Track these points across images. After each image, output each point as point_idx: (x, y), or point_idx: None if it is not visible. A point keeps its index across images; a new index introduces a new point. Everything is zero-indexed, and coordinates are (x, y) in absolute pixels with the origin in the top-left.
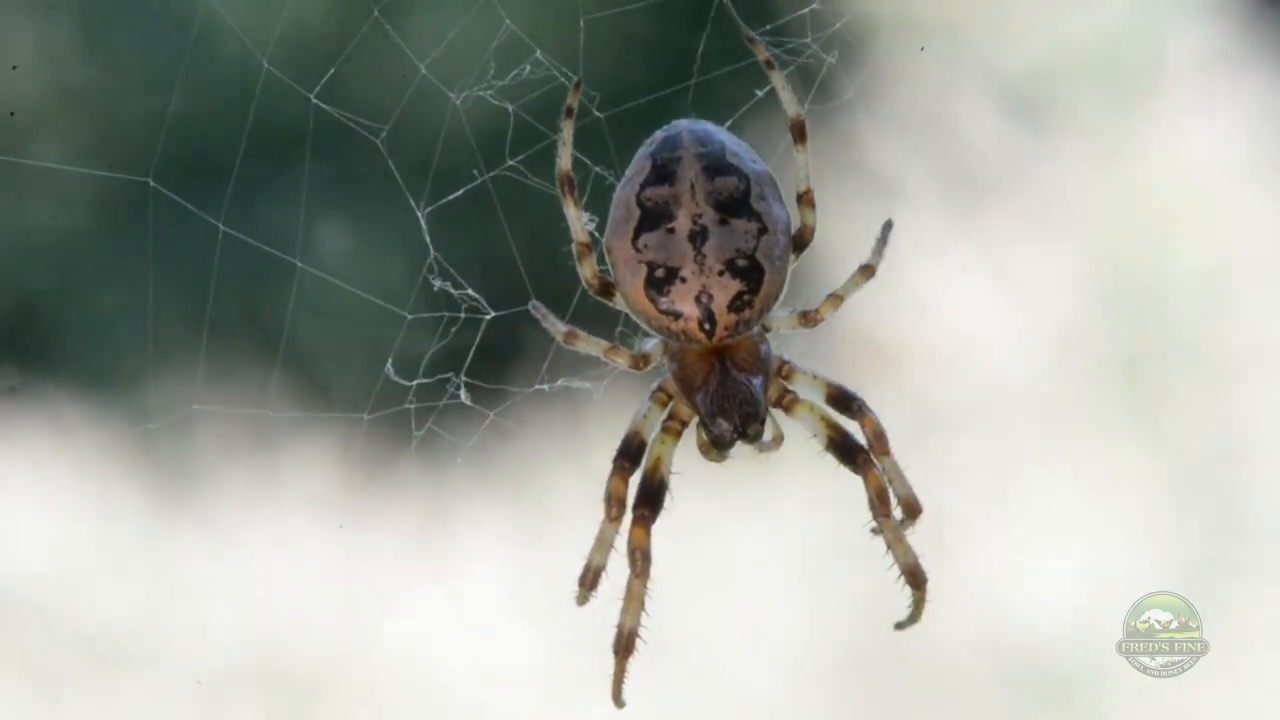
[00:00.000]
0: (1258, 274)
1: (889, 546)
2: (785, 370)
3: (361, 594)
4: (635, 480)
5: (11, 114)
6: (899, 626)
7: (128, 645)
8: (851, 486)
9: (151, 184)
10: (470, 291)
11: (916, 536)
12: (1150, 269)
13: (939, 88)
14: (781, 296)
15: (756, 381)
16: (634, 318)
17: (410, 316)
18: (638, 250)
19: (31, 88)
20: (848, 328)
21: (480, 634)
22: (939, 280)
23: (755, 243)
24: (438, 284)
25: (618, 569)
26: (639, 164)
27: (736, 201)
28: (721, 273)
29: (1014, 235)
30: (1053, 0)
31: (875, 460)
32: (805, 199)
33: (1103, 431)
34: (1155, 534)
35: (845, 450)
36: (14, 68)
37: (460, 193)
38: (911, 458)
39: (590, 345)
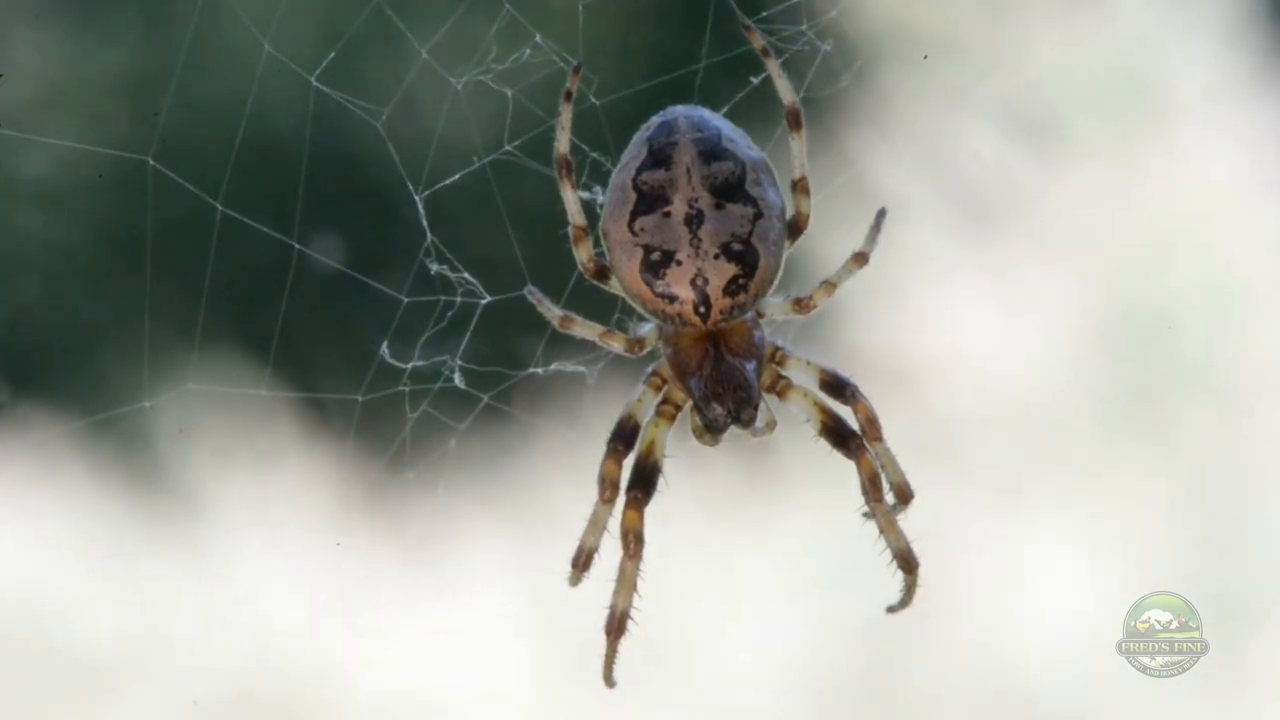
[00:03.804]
0: (1265, 299)
1: (881, 531)
2: (779, 356)
3: (360, 574)
4: (629, 463)
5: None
6: (891, 610)
7: (117, 667)
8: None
9: (151, 163)
10: (467, 275)
11: (908, 521)
12: (1157, 292)
13: (945, 104)
14: (776, 282)
15: (750, 366)
16: (630, 301)
17: (406, 300)
18: (633, 233)
19: (36, 69)
20: (861, 348)
21: (480, 613)
22: (946, 298)
23: (750, 227)
24: (434, 267)
25: (611, 551)
26: (635, 148)
27: (732, 186)
28: (717, 256)
29: (1020, 256)
30: (1065, 22)
31: (868, 446)
32: (800, 186)
33: (1110, 455)
34: (1164, 558)
35: (838, 435)
36: (1, 75)
37: (458, 176)
38: (922, 478)
39: (586, 330)
